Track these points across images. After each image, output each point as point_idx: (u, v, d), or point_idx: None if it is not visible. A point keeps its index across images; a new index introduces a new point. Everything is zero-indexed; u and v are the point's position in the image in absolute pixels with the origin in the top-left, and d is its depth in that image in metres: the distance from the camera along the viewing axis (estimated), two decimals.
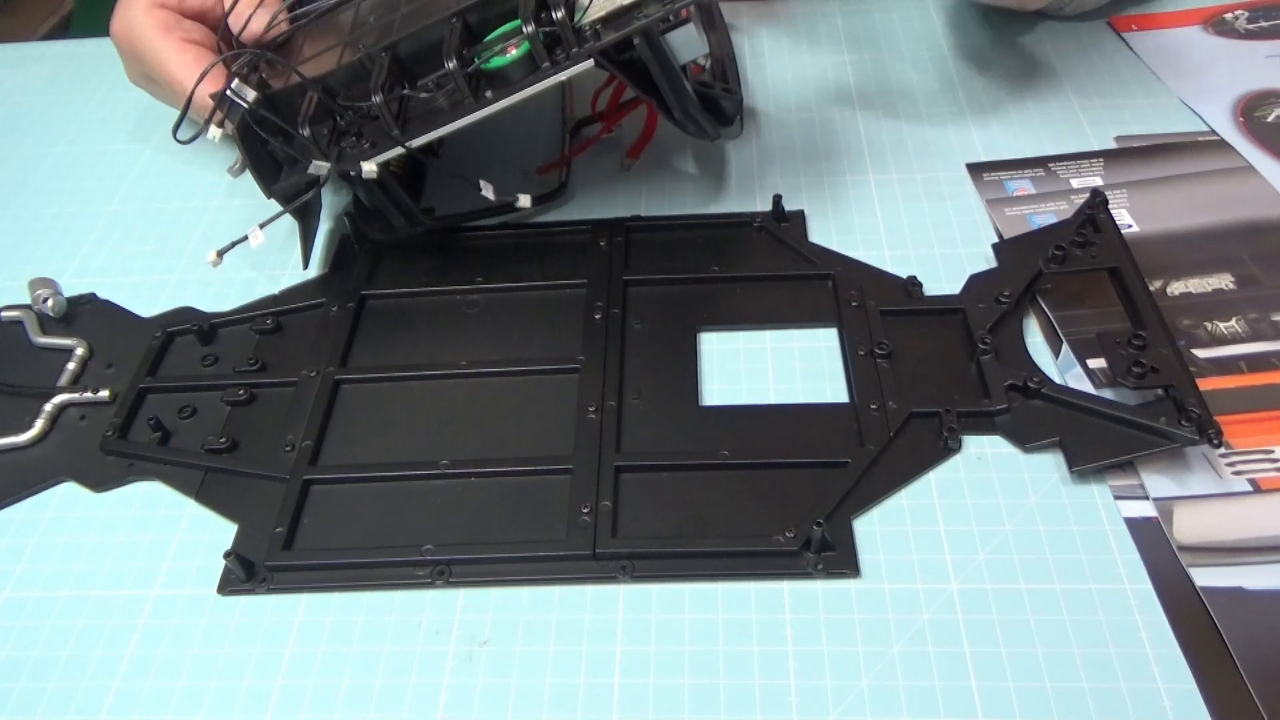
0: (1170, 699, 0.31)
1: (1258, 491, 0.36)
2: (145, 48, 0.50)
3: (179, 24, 0.50)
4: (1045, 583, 0.35)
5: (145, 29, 0.50)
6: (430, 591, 0.36)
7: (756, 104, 0.56)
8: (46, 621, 0.37)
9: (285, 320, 0.47)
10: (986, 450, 0.39)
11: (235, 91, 0.41)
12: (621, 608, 0.35)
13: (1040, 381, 0.39)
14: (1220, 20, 0.59)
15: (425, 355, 0.44)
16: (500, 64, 0.40)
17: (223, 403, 0.43)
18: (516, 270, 0.48)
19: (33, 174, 0.58)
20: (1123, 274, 0.42)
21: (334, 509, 0.39)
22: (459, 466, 0.39)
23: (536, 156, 0.53)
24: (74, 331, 0.47)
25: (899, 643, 0.34)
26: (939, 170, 0.51)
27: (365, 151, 0.42)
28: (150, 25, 0.50)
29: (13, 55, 0.69)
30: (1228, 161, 0.49)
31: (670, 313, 0.45)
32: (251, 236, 0.42)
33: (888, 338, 0.42)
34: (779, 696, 0.33)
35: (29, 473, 0.42)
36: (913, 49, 0.60)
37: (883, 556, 0.36)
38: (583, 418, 0.40)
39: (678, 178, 0.52)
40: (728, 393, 0.42)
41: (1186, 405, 0.36)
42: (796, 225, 0.48)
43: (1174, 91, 0.54)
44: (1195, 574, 0.34)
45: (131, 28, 0.50)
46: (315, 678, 0.34)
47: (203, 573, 0.38)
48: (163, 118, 0.60)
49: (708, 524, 0.37)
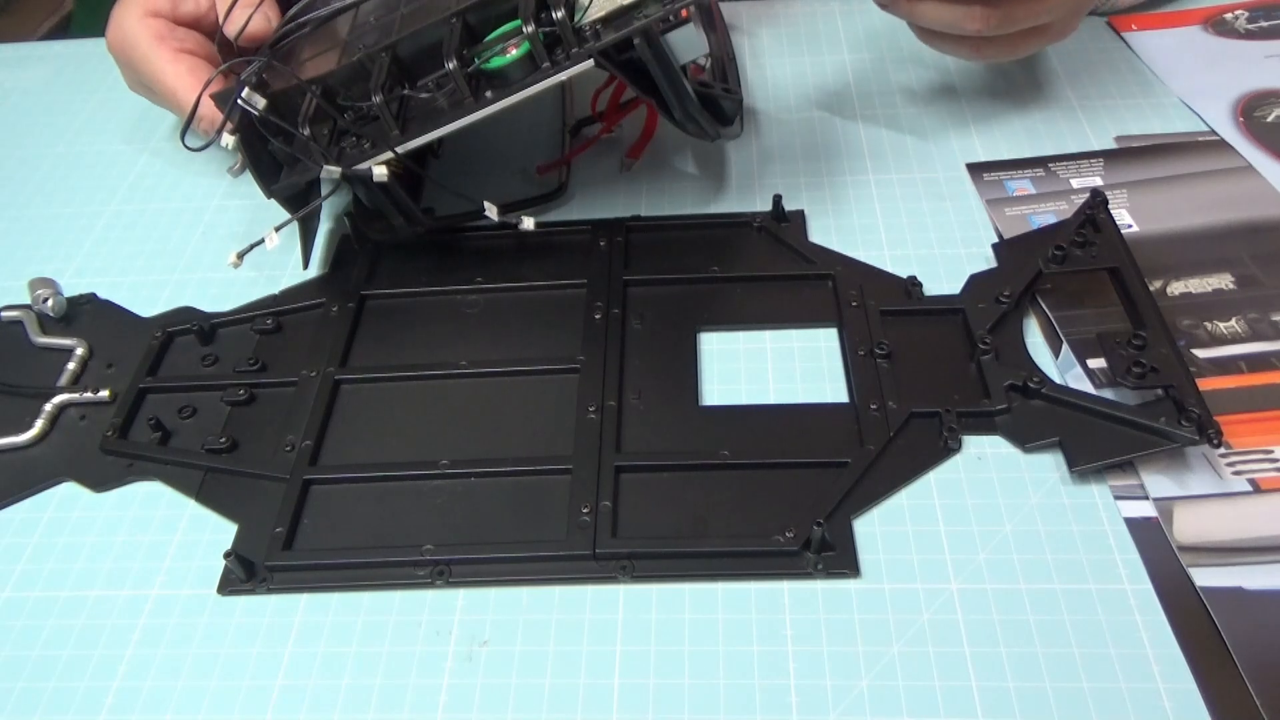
0: (1170, 699, 0.31)
1: (1258, 491, 0.36)
2: (139, 57, 0.50)
3: (172, 33, 0.50)
4: (1045, 583, 0.35)
5: (139, 39, 0.50)
6: (430, 591, 0.36)
7: (756, 104, 0.56)
8: (46, 621, 0.37)
9: (285, 320, 0.47)
10: (986, 450, 0.39)
11: (246, 100, 0.41)
12: (621, 608, 0.35)
13: (1040, 381, 0.39)
14: (1220, 20, 0.59)
15: (425, 355, 0.44)
16: (500, 64, 0.40)
17: (223, 403, 0.43)
18: (516, 270, 0.48)
19: (33, 174, 0.58)
20: (1123, 274, 0.42)
21: (334, 509, 0.39)
22: (459, 466, 0.39)
23: (536, 156, 0.53)
24: (74, 331, 0.47)
25: (899, 643, 0.34)
26: (939, 170, 0.51)
27: (366, 152, 0.42)
28: (144, 35, 0.50)
29: (13, 55, 0.69)
30: (1228, 161, 0.49)
31: (670, 313, 0.45)
32: (268, 239, 0.43)
33: (888, 338, 0.42)
34: (779, 696, 0.33)
35: (29, 473, 0.42)
36: (913, 49, 0.59)
37: (883, 556, 0.36)
38: (583, 418, 0.40)
39: (678, 178, 0.52)
40: (728, 393, 0.42)
41: (1186, 405, 0.36)
42: (796, 225, 0.48)
43: (1174, 91, 0.54)
44: (1195, 574, 0.34)
45: (126, 38, 0.50)
46: (315, 678, 0.34)
47: (203, 573, 0.38)
48: (162, 118, 0.60)
49: (708, 524, 0.37)
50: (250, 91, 0.42)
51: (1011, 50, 0.49)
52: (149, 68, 0.50)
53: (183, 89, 0.48)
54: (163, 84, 0.49)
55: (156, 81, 0.49)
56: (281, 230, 0.43)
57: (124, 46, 0.51)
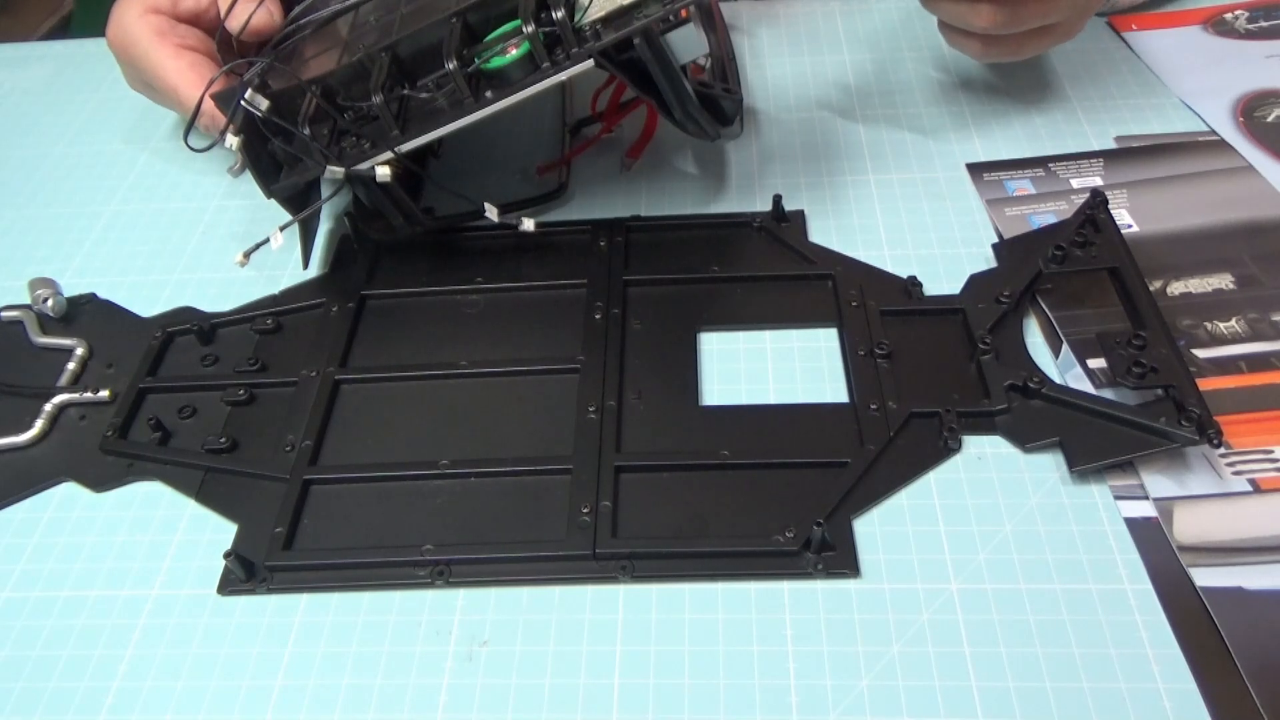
0: (1170, 699, 0.31)
1: (1258, 491, 0.36)
2: (140, 54, 0.50)
3: (173, 29, 0.50)
4: (1045, 583, 0.35)
5: (139, 36, 0.50)
6: (430, 591, 0.36)
7: (756, 104, 0.56)
8: (46, 621, 0.37)
9: (285, 320, 0.47)
10: (986, 450, 0.39)
11: (249, 101, 0.41)
12: (621, 608, 0.35)
13: (1040, 381, 0.39)
14: (1220, 20, 0.59)
15: (425, 355, 0.44)
16: (500, 64, 0.40)
17: (223, 403, 0.43)
18: (516, 270, 0.48)
19: (33, 174, 0.58)
20: (1123, 274, 0.42)
21: (334, 509, 0.39)
22: (459, 466, 0.39)
23: (536, 156, 0.53)
24: (74, 331, 0.47)
25: (899, 643, 0.34)
26: (939, 170, 0.51)
27: (366, 152, 0.42)
28: (144, 32, 0.50)
29: (13, 55, 0.69)
30: (1228, 161, 0.49)
31: (670, 313, 0.45)
32: (273, 240, 0.43)
33: (888, 338, 0.42)
34: (779, 696, 0.33)
35: (29, 473, 0.42)
36: (913, 49, 0.60)
37: (883, 556, 0.36)
38: (583, 418, 0.40)
39: (678, 178, 0.52)
40: (728, 393, 0.42)
41: (1186, 405, 0.36)
42: (796, 225, 0.48)
43: (1174, 91, 0.54)
44: (1195, 574, 0.34)
45: (126, 34, 0.50)
46: (315, 678, 0.34)
47: (203, 573, 0.38)
48: (162, 119, 0.60)
49: (708, 524, 0.37)
50: (253, 92, 0.42)
51: (1018, 49, 0.49)
52: (149, 64, 0.49)
53: (184, 85, 0.48)
54: (163, 80, 0.49)
55: (157, 78, 0.49)
56: (285, 230, 0.43)
57: (124, 43, 0.51)
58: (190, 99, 0.46)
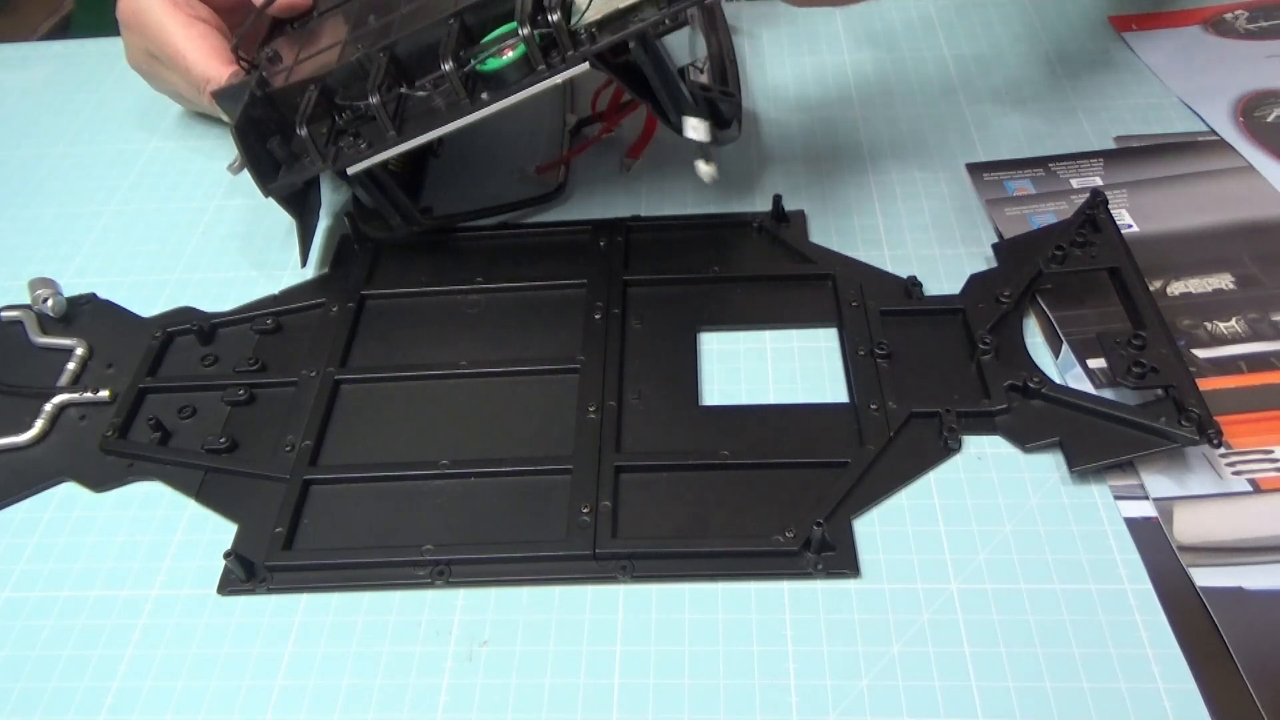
0: (1170, 699, 0.31)
1: (1258, 491, 0.36)
2: (151, 20, 0.50)
3: (187, 2, 0.51)
4: (1045, 583, 0.35)
5: (152, 4, 0.50)
6: (430, 591, 0.36)
7: (756, 105, 0.56)
8: (46, 621, 0.37)
9: (285, 320, 0.47)
10: (986, 450, 0.39)
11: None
12: (621, 608, 0.35)
13: (1040, 381, 0.39)
14: (1220, 20, 0.59)
15: (425, 355, 0.44)
16: (496, 66, 0.40)
17: (223, 403, 0.43)
18: (516, 270, 0.48)
19: (32, 174, 0.58)
20: (1123, 274, 0.42)
21: (334, 509, 0.39)
22: (459, 466, 0.39)
23: (536, 156, 0.53)
24: (74, 331, 0.47)
25: (899, 643, 0.34)
26: (939, 170, 0.51)
27: (362, 151, 0.42)
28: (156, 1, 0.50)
29: (13, 55, 0.69)
30: (1228, 161, 0.49)
31: (670, 313, 0.45)
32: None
33: (887, 338, 0.42)
34: (779, 696, 0.33)
35: (29, 473, 0.42)
36: (913, 49, 0.60)
37: (883, 556, 0.36)
38: (583, 418, 0.40)
39: (678, 178, 0.52)
40: (728, 393, 0.42)
41: (1186, 405, 0.36)
42: (796, 225, 0.48)
43: (1174, 91, 0.54)
44: (1195, 574, 0.34)
45: (138, 2, 0.51)
46: (315, 678, 0.34)
47: (203, 573, 0.38)
48: (162, 118, 0.60)
49: (708, 524, 0.37)
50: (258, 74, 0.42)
51: None
52: (159, 32, 0.50)
53: (193, 53, 0.49)
54: (173, 48, 0.49)
55: (167, 45, 0.50)
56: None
57: (136, 10, 0.51)
58: (197, 67, 0.47)
